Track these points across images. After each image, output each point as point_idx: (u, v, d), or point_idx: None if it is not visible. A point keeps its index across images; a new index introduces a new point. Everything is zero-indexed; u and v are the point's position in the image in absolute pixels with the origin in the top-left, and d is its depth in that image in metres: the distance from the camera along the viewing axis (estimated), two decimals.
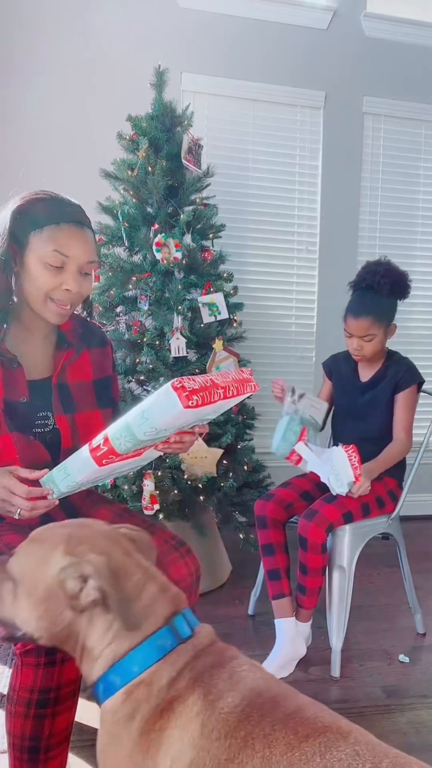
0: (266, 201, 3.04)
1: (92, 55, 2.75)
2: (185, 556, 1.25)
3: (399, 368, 1.91)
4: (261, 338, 3.02)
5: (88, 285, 1.19)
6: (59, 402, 1.24)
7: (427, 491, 3.29)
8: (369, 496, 1.79)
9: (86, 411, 1.29)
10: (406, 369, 1.91)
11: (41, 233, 1.11)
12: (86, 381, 1.31)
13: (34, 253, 1.11)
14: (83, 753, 1.41)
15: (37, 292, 1.14)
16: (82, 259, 1.14)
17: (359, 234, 3.18)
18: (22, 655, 0.99)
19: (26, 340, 1.22)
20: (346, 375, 2.02)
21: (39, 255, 1.11)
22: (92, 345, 1.34)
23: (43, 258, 1.11)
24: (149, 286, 2.19)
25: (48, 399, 1.24)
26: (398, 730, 1.52)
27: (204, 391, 0.95)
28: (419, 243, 3.28)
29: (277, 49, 2.95)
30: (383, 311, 1.87)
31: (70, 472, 1.05)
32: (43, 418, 1.23)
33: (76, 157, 2.71)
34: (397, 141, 3.18)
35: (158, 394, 0.95)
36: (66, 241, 1.11)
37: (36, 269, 1.12)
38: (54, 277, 1.12)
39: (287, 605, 1.79)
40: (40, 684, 1.00)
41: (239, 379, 1.06)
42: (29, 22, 2.68)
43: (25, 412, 1.20)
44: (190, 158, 2.23)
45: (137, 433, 0.97)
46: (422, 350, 3.34)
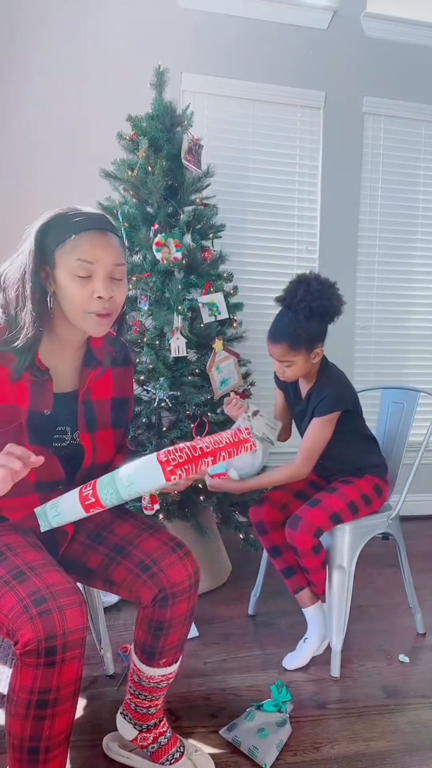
0: (266, 201, 3.04)
1: (92, 55, 2.75)
2: (184, 559, 1.25)
3: (320, 395, 1.78)
4: (261, 338, 3.00)
5: (122, 291, 1.17)
6: (84, 419, 1.25)
7: (427, 491, 3.30)
8: (354, 494, 1.79)
9: (103, 429, 1.30)
10: (323, 398, 1.76)
11: (64, 247, 1.11)
12: (106, 399, 1.31)
13: (62, 269, 1.11)
14: (83, 753, 1.41)
15: (74, 307, 1.13)
16: (107, 262, 1.12)
17: (359, 234, 3.18)
18: (22, 656, 0.99)
19: (57, 354, 1.22)
20: (290, 391, 1.96)
21: (67, 269, 1.11)
22: (116, 363, 1.34)
23: (70, 271, 1.10)
24: (149, 286, 2.19)
25: (69, 413, 1.24)
26: (398, 730, 1.52)
27: (190, 463, 1.01)
28: (419, 243, 3.28)
29: (277, 49, 2.95)
30: (300, 338, 1.70)
31: (61, 512, 1.11)
32: (61, 432, 1.23)
33: (76, 157, 2.71)
34: (397, 141, 3.18)
35: (144, 462, 1.01)
36: (88, 248, 1.10)
37: (67, 284, 1.11)
38: (84, 287, 1.11)
39: (309, 594, 1.83)
40: (39, 685, 0.99)
41: (234, 443, 1.08)
42: (29, 22, 2.68)
43: (47, 424, 1.20)
44: (190, 158, 2.23)
45: (122, 493, 1.04)
46: (422, 350, 3.34)
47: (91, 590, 1.70)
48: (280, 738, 1.44)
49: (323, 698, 1.64)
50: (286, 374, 1.79)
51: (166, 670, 1.31)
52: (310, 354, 1.76)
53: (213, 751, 1.42)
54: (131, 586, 1.23)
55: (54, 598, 1.01)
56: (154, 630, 1.25)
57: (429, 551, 2.83)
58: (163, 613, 1.23)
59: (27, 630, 0.98)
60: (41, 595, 1.01)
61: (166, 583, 1.21)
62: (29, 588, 1.03)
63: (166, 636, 1.26)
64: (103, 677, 1.72)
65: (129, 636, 1.95)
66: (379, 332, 3.27)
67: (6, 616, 1.02)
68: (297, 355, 1.73)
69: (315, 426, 1.77)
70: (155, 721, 1.37)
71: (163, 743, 1.36)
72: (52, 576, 1.05)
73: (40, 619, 0.98)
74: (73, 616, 1.01)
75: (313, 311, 1.70)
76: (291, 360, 1.74)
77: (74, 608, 1.01)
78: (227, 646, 1.90)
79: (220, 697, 1.66)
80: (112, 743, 1.41)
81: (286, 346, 1.72)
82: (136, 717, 1.36)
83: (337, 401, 1.77)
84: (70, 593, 1.03)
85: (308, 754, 1.44)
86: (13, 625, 1.00)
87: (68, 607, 1.01)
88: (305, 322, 1.70)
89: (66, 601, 1.01)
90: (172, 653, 1.29)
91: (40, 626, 0.98)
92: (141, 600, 1.24)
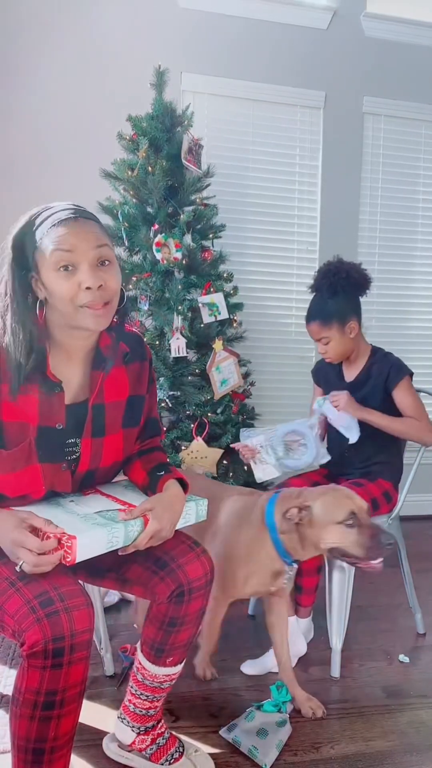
0: (266, 201, 3.04)
1: (92, 55, 2.75)
2: (201, 556, 1.25)
3: (384, 366, 1.86)
4: (261, 338, 3.02)
5: (112, 275, 1.08)
6: (91, 425, 1.19)
7: (427, 491, 3.29)
8: (364, 497, 1.78)
9: (112, 434, 1.24)
10: (391, 365, 1.85)
11: (41, 245, 1.04)
12: (121, 400, 1.24)
13: (44, 267, 1.05)
14: (83, 753, 1.41)
15: (64, 304, 1.05)
16: (86, 248, 1.04)
17: (359, 234, 3.18)
18: (29, 657, 0.98)
19: (64, 365, 1.17)
20: (332, 378, 1.99)
21: (48, 266, 1.04)
22: (130, 359, 1.25)
23: (52, 266, 1.04)
24: (149, 286, 2.19)
25: (80, 423, 1.18)
26: (398, 730, 1.52)
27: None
28: (419, 243, 3.28)
29: (277, 49, 2.95)
30: (329, 312, 1.83)
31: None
32: (72, 445, 1.19)
33: (76, 157, 2.71)
34: (397, 141, 3.18)
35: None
36: (63, 237, 1.03)
37: (52, 282, 1.04)
38: (69, 280, 1.04)
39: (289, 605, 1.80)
40: (46, 686, 0.99)
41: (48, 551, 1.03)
42: (29, 22, 2.68)
43: (58, 438, 1.16)
44: (190, 158, 2.23)
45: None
46: (422, 350, 3.34)
47: (92, 591, 1.70)
48: (280, 738, 1.44)
49: (323, 698, 1.63)
50: (328, 353, 1.88)
51: (171, 670, 1.31)
52: (344, 328, 1.85)
53: (213, 751, 1.42)
54: (147, 583, 1.23)
55: (61, 600, 1.00)
56: (166, 626, 1.25)
57: (429, 551, 2.83)
58: (178, 609, 1.22)
59: (34, 631, 0.97)
60: (48, 596, 1.01)
61: (184, 579, 1.21)
62: (36, 589, 1.02)
63: (177, 633, 1.26)
64: (103, 677, 1.72)
65: (129, 636, 1.95)
66: (379, 332, 3.26)
67: (12, 617, 1.01)
68: (330, 329, 1.84)
69: (402, 394, 1.82)
70: (153, 723, 1.37)
71: (161, 744, 1.36)
72: (59, 578, 1.05)
73: (47, 620, 0.98)
74: (81, 618, 1.00)
75: (334, 285, 1.83)
76: (327, 336, 1.85)
77: (81, 610, 1.01)
78: (227, 646, 1.89)
79: (220, 697, 1.66)
80: (111, 743, 1.41)
81: (318, 324, 1.85)
82: (134, 719, 1.36)
83: (403, 365, 1.87)
84: (78, 595, 1.03)
85: (308, 754, 1.44)
86: (19, 627, 1.00)
87: (75, 609, 1.00)
88: (330, 297, 1.85)
89: (73, 602, 1.01)
90: (179, 652, 1.29)
91: (48, 628, 0.97)
92: (156, 596, 1.23)
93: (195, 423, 2.16)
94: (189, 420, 2.20)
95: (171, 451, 2.11)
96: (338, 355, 1.89)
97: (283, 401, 3.10)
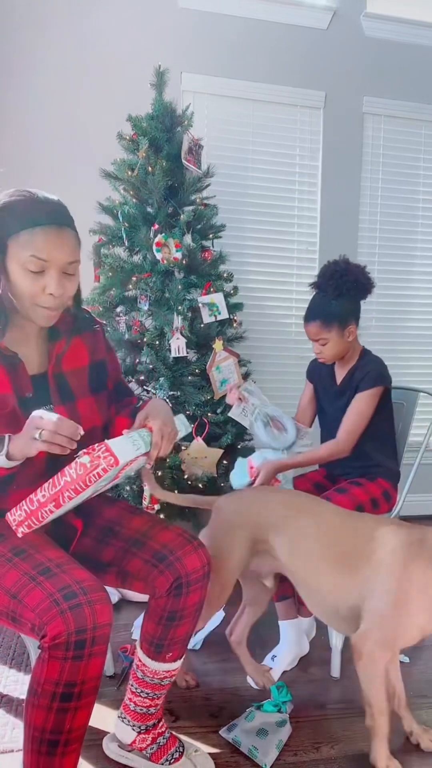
0: (266, 201, 3.04)
1: (92, 55, 2.75)
2: (198, 549, 1.28)
3: (364, 371, 1.84)
4: (261, 338, 3.02)
5: (73, 285, 1.17)
6: (57, 393, 1.26)
7: (427, 491, 3.30)
8: (363, 497, 1.79)
9: (82, 398, 1.30)
10: (368, 372, 1.82)
11: (18, 238, 1.08)
12: (82, 366, 1.31)
13: (13, 258, 1.08)
14: (84, 753, 1.41)
15: (22, 299, 1.11)
16: (62, 260, 1.11)
17: (359, 234, 3.18)
18: (50, 649, 1.00)
19: (21, 339, 1.23)
20: (325, 378, 1.99)
21: (18, 261, 1.08)
22: (82, 330, 1.33)
23: (22, 264, 1.08)
24: (149, 286, 2.19)
25: (47, 391, 1.25)
26: (398, 731, 1.52)
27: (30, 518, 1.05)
28: (419, 243, 3.28)
29: (277, 49, 2.95)
30: (332, 314, 1.80)
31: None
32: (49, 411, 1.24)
33: (76, 157, 2.71)
34: (397, 141, 3.18)
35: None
36: (43, 245, 1.08)
37: (17, 275, 1.09)
38: (35, 282, 1.10)
39: (291, 607, 1.80)
40: (66, 678, 1.01)
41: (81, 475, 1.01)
42: (29, 22, 2.68)
43: (33, 406, 1.21)
44: (190, 158, 2.23)
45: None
46: (422, 350, 3.34)
47: None
48: (280, 738, 1.44)
49: (323, 698, 1.64)
50: (324, 354, 1.86)
51: (171, 666, 1.32)
52: (344, 331, 1.83)
53: (213, 751, 1.43)
54: (147, 577, 1.25)
55: (84, 593, 1.03)
56: (165, 620, 1.27)
57: None
58: (177, 602, 1.25)
59: (57, 623, 0.99)
60: (72, 590, 1.03)
61: (183, 572, 1.23)
62: (58, 583, 1.05)
63: (177, 627, 1.27)
64: (103, 677, 1.71)
65: (129, 636, 1.95)
66: (379, 332, 3.27)
67: (33, 611, 1.03)
68: (330, 331, 1.81)
69: (358, 401, 1.82)
70: (154, 722, 1.37)
71: (162, 743, 1.36)
72: (79, 572, 1.08)
73: (71, 612, 1.00)
74: (103, 612, 1.03)
75: (340, 287, 1.80)
76: (325, 337, 1.83)
77: (103, 604, 1.04)
78: (227, 646, 1.89)
79: (220, 697, 1.66)
80: (111, 743, 1.41)
81: (319, 324, 1.82)
82: (135, 718, 1.36)
83: (382, 376, 1.83)
84: (99, 589, 1.06)
85: (308, 754, 1.44)
86: (41, 620, 1.02)
87: (98, 603, 1.03)
88: (335, 298, 1.81)
89: (96, 596, 1.04)
90: (178, 647, 1.31)
91: (71, 620, 1.00)
92: (156, 590, 1.25)
93: (195, 423, 2.16)
94: (189, 420, 2.21)
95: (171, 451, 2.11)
96: (332, 357, 1.87)
97: (283, 401, 3.08)
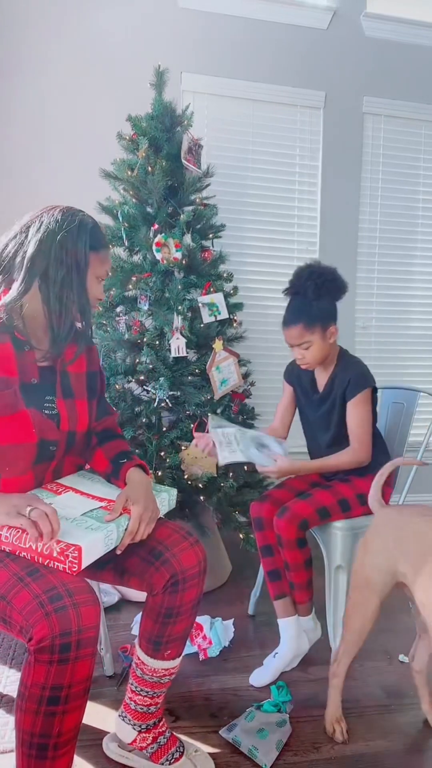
0: (266, 201, 3.04)
1: (92, 55, 2.75)
2: (194, 546, 1.30)
3: (345, 376, 1.82)
4: (261, 338, 3.02)
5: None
6: (61, 387, 1.32)
7: (427, 491, 3.29)
8: (348, 492, 1.79)
9: (80, 399, 1.37)
10: (351, 376, 1.81)
11: (98, 254, 1.29)
12: (81, 372, 1.40)
13: (92, 270, 1.28)
14: (83, 753, 1.41)
15: (92, 300, 1.32)
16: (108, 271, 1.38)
17: (359, 234, 3.18)
18: (36, 652, 1.00)
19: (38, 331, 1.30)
20: (306, 385, 1.96)
21: (96, 272, 1.30)
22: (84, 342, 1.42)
23: (99, 275, 1.32)
24: (149, 286, 2.19)
25: (53, 383, 1.31)
26: (398, 730, 1.52)
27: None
28: (419, 243, 3.28)
29: (277, 49, 2.95)
30: (313, 316, 1.77)
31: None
32: (50, 401, 1.30)
33: (76, 157, 2.71)
34: (397, 141, 3.18)
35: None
36: (109, 263, 1.35)
37: (92, 283, 1.30)
38: (99, 286, 1.34)
39: (289, 605, 1.79)
40: (52, 681, 1.00)
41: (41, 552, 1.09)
42: (29, 22, 2.68)
43: (37, 392, 1.27)
44: (190, 158, 2.23)
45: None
46: (422, 350, 3.34)
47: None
48: (280, 738, 1.44)
49: (323, 698, 1.63)
50: (306, 359, 1.82)
51: (170, 664, 1.33)
52: (326, 333, 1.81)
53: (213, 751, 1.43)
54: (143, 574, 1.27)
55: (70, 596, 1.03)
56: (162, 618, 1.28)
57: None
58: (173, 599, 1.26)
59: (42, 626, 0.99)
60: (57, 592, 1.03)
61: (178, 568, 1.25)
62: (45, 585, 1.04)
63: (174, 624, 1.28)
64: (103, 677, 1.72)
65: (129, 636, 1.95)
66: (379, 332, 3.27)
67: (20, 612, 1.03)
68: (313, 333, 1.78)
69: (353, 409, 1.80)
70: (155, 721, 1.37)
71: (162, 743, 1.36)
72: (67, 573, 1.08)
73: (55, 615, 1.00)
74: (88, 614, 1.03)
75: (319, 288, 1.78)
76: (309, 340, 1.79)
77: (89, 606, 1.04)
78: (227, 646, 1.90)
79: (220, 697, 1.66)
80: (111, 743, 1.41)
81: (301, 327, 1.78)
82: (135, 717, 1.36)
83: (365, 378, 1.82)
84: (85, 591, 1.05)
85: (308, 754, 1.44)
86: (27, 622, 1.01)
87: (83, 605, 1.03)
88: (315, 299, 1.78)
89: (81, 598, 1.03)
90: (176, 645, 1.31)
91: (56, 623, 0.99)
92: (153, 587, 1.26)
93: (195, 423, 2.16)
94: (189, 420, 2.21)
95: (171, 451, 2.11)
96: (316, 361, 1.83)
97: None
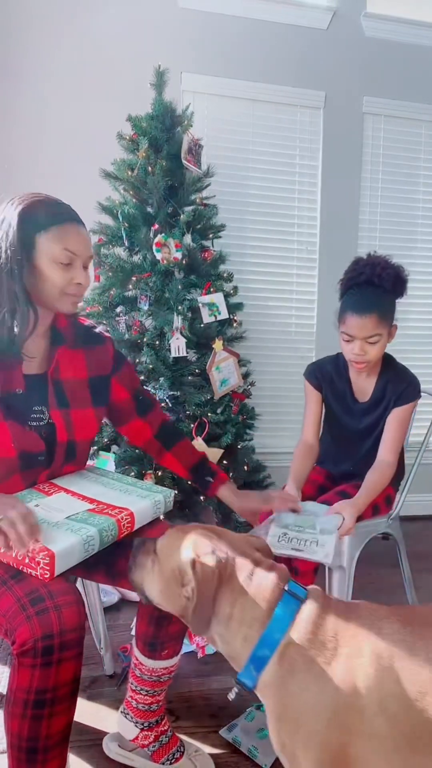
0: (266, 201, 3.04)
1: (92, 55, 2.75)
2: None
3: (400, 383, 1.72)
4: (261, 338, 3.02)
5: (89, 277, 1.28)
6: (54, 397, 1.27)
7: (427, 491, 3.30)
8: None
9: (80, 408, 1.31)
10: (407, 385, 1.72)
11: (47, 233, 1.17)
12: (81, 379, 1.33)
13: (43, 253, 1.17)
14: (83, 753, 1.41)
15: (52, 289, 1.20)
16: (85, 254, 1.22)
17: (359, 234, 3.18)
18: (19, 656, 0.99)
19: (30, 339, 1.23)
20: (342, 394, 1.84)
21: (49, 255, 1.17)
22: (88, 343, 1.37)
23: (54, 258, 1.17)
24: (149, 286, 2.19)
25: (43, 393, 1.26)
26: None
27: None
28: (419, 243, 3.28)
29: (277, 49, 2.95)
30: (388, 308, 1.67)
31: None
32: (38, 412, 1.26)
33: (76, 157, 2.71)
34: (397, 141, 3.18)
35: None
36: (72, 239, 1.19)
37: (48, 269, 1.18)
38: (65, 273, 1.20)
39: None
40: (36, 685, 0.99)
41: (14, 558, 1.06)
42: (29, 22, 2.68)
43: (21, 403, 1.22)
44: (190, 158, 2.23)
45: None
46: (422, 350, 3.34)
47: (91, 590, 1.70)
48: None
49: None
50: (368, 355, 1.67)
51: (168, 663, 1.32)
52: (391, 330, 1.71)
53: (213, 751, 1.43)
54: None
55: (51, 597, 1.01)
56: (156, 620, 1.27)
57: (429, 551, 2.83)
58: None
59: (24, 629, 0.98)
60: (39, 594, 1.01)
61: None
62: (27, 587, 1.03)
63: (168, 625, 1.28)
64: (103, 677, 1.72)
65: (129, 636, 1.95)
66: None
67: (3, 616, 1.02)
68: (385, 327, 1.66)
69: (398, 417, 1.71)
70: (157, 719, 1.37)
71: (164, 742, 1.36)
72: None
73: (37, 618, 0.98)
74: (70, 616, 1.01)
75: (395, 281, 1.67)
76: (380, 333, 1.65)
77: (71, 607, 1.02)
78: None
79: (220, 697, 1.66)
80: (112, 743, 1.41)
81: (376, 317, 1.63)
82: (137, 714, 1.36)
83: (417, 389, 1.74)
84: (68, 592, 1.03)
85: None
86: (10, 625, 1.00)
87: (65, 607, 1.01)
88: (392, 291, 1.68)
89: (63, 600, 1.01)
90: (172, 644, 1.31)
91: (37, 625, 0.98)
92: None
93: (195, 423, 2.16)
94: (189, 420, 2.20)
95: None
96: (376, 358, 1.70)
97: (283, 401, 3.10)
